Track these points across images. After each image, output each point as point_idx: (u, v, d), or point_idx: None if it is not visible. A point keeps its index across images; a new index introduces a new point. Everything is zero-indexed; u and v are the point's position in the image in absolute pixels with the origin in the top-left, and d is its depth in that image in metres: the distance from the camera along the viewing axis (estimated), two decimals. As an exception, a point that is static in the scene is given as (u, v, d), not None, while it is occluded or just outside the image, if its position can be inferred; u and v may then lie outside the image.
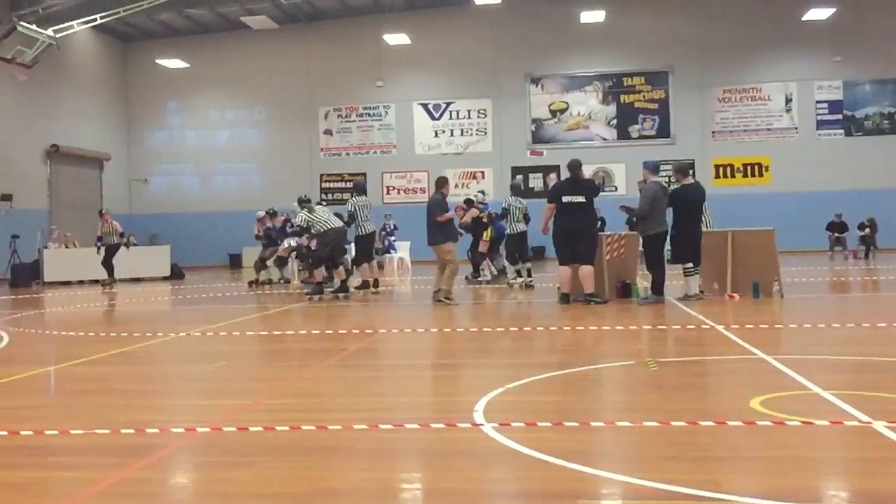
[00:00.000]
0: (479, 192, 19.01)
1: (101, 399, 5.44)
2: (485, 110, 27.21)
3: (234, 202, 26.74)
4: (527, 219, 14.27)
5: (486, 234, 15.41)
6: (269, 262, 16.82)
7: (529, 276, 13.93)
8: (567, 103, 26.71)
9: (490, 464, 3.69)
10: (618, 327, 8.14)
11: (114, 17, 20.96)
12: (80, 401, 5.46)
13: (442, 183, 11.66)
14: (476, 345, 7.79)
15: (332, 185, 27.84)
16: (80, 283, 19.04)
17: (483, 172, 26.88)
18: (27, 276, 19.13)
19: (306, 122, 28.04)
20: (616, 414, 4.45)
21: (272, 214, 17.40)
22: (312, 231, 12.84)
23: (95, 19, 20.48)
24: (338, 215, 13.08)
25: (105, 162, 27.15)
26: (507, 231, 14.29)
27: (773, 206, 23.33)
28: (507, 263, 14.75)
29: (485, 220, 15.31)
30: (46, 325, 10.40)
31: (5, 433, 4.32)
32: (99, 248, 17.47)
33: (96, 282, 15.36)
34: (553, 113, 26.87)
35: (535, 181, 26.61)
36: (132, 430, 4.30)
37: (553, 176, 25.78)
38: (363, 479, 3.49)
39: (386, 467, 3.75)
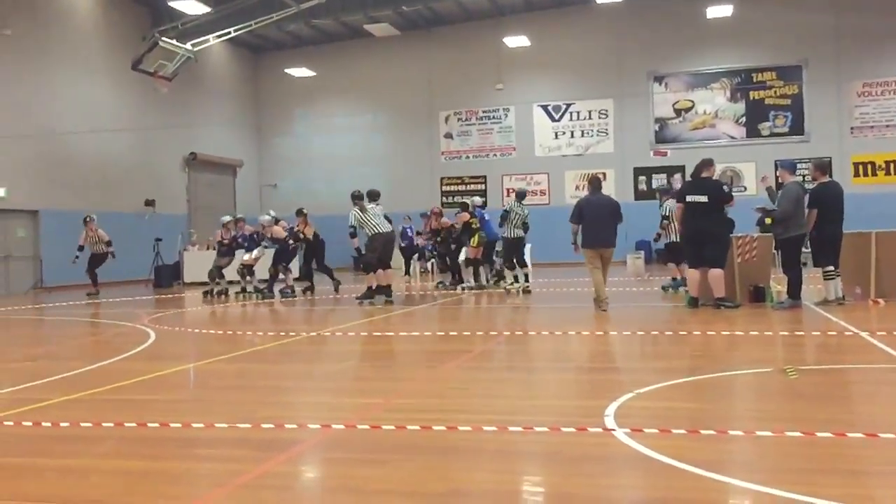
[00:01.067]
0: (475, 197, 19.28)
1: (241, 395, 5.70)
2: (606, 111, 26.79)
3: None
4: (525, 227, 14.50)
5: (474, 241, 15.30)
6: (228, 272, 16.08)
7: (527, 280, 14.24)
8: (692, 101, 25.94)
9: (623, 470, 3.63)
10: (752, 332, 7.83)
11: (246, 29, 21.91)
12: (222, 396, 5.74)
13: (600, 182, 11.04)
14: (603, 348, 7.68)
15: (452, 188, 28.11)
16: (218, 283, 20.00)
17: (605, 174, 26.46)
18: (169, 277, 20.29)
19: (427, 125, 28.43)
20: (755, 423, 4.28)
21: (238, 220, 16.40)
22: (367, 231, 12.45)
23: (229, 32, 21.46)
24: (387, 217, 12.98)
25: (238, 168, 28.47)
26: (504, 235, 14.48)
27: (920, 206, 21.85)
28: (505, 268, 14.89)
29: (474, 225, 15.19)
30: (187, 323, 10.98)
31: (157, 425, 4.59)
32: (76, 259, 16.79)
33: (231, 282, 16.05)
34: (678, 112, 26.15)
35: (659, 182, 25.97)
36: (272, 425, 4.48)
37: (677, 177, 25.10)
38: (494, 481, 3.50)
39: (516, 470, 3.75)
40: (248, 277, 15.52)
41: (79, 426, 4.61)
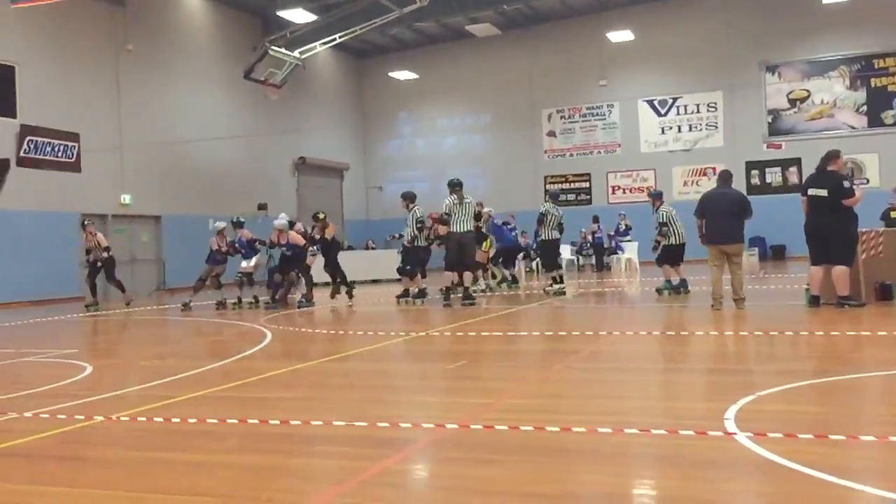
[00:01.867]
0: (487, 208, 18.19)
1: (356, 393, 5.83)
2: (715, 103, 26.02)
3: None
4: (561, 228, 14.24)
5: (486, 245, 14.98)
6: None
7: (561, 282, 14.19)
8: (808, 91, 24.87)
9: (746, 475, 3.51)
10: (880, 333, 7.43)
11: (350, 35, 22.38)
12: (338, 394, 5.88)
13: (728, 176, 10.63)
14: (719, 349, 7.46)
15: (556, 186, 27.89)
16: (326, 284, 20.52)
17: (714, 169, 25.67)
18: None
19: (529, 124, 28.33)
20: (890, 428, 4.06)
21: (238, 225, 14.87)
22: (449, 224, 12.15)
23: (335, 39, 21.98)
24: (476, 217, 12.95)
25: (345, 171, 29.14)
26: (541, 237, 14.35)
27: None
28: (544, 270, 14.89)
29: (483, 230, 14.82)
30: (301, 323, 11.31)
31: (277, 422, 4.75)
32: (97, 264, 15.49)
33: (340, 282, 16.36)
34: (792, 102, 25.13)
35: (773, 176, 25.04)
36: (387, 424, 4.56)
37: (793, 170, 24.13)
38: (610, 484, 3.45)
39: (633, 473, 3.69)
40: (244, 288, 14.55)
41: (205, 422, 4.82)
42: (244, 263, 14.42)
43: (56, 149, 19.02)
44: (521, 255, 22.56)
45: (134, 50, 20.85)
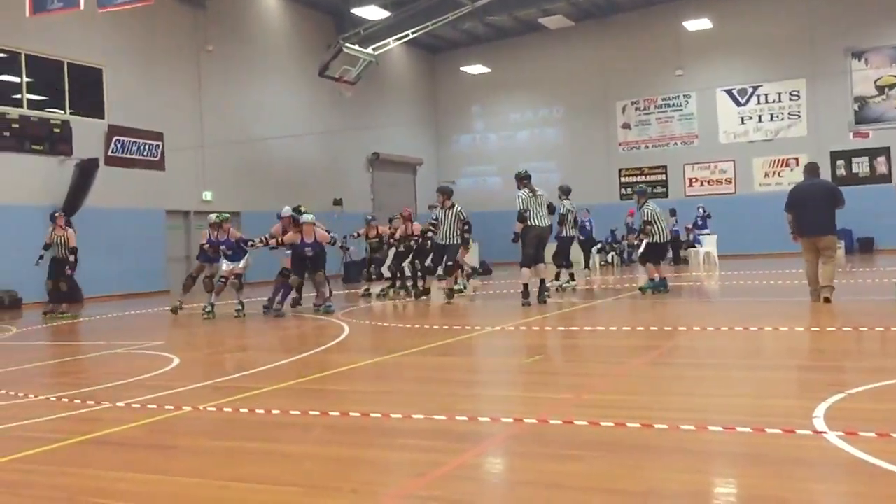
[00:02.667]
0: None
1: (434, 387, 5.87)
2: (798, 92, 25.19)
3: (535, 200, 27.47)
4: (576, 222, 14.39)
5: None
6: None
7: (572, 279, 14.31)
8: (897, 77, 23.85)
9: (838, 476, 3.40)
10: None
11: (423, 30, 22.47)
12: (416, 388, 5.94)
13: (815, 168, 10.36)
14: (804, 345, 7.23)
15: (630, 179, 27.49)
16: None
17: (797, 159, 24.90)
18: (357, 272, 21.23)
19: (603, 116, 27.97)
20: None
21: (223, 222, 12.59)
22: (527, 220, 11.56)
23: (408, 34, 22.11)
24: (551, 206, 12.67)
25: (418, 166, 29.34)
26: (562, 235, 14.27)
27: None
28: (559, 267, 14.61)
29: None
30: (376, 317, 11.45)
31: (358, 414, 4.82)
32: (39, 260, 13.61)
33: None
34: (880, 89, 24.13)
35: (860, 166, 24.13)
36: (466, 418, 4.58)
37: (881, 160, 23.19)
38: (695, 482, 3.39)
39: (718, 471, 3.62)
40: (239, 291, 12.43)
41: (289, 414, 4.93)
42: (225, 266, 12.35)
43: (142, 148, 19.70)
44: (595, 249, 22.37)
45: (214, 50, 21.41)
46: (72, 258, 13.50)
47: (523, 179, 12.02)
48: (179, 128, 20.50)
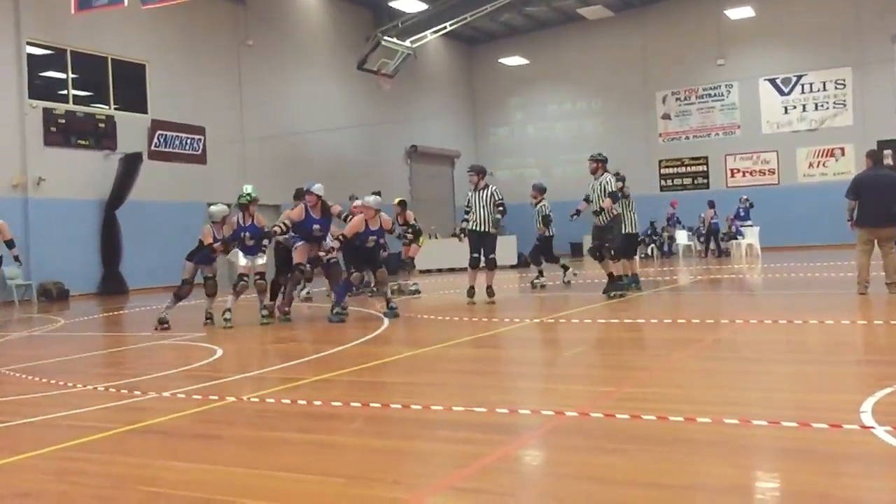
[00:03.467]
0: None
1: (474, 379, 5.88)
2: (844, 80, 24.66)
3: (573, 193, 27.27)
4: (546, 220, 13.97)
5: (421, 240, 14.46)
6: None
7: (542, 276, 13.98)
8: (948, 63, 23.22)
9: (887, 472, 3.34)
10: None
11: (461, 22, 22.46)
12: (456, 379, 5.95)
13: (879, 156, 10.13)
14: (851, 338, 7.10)
15: (671, 170, 27.19)
16: (440, 271, 20.78)
17: (843, 149, 24.40)
18: (395, 266, 21.32)
19: (643, 107, 27.67)
20: None
21: (251, 202, 10.90)
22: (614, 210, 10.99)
23: (445, 27, 22.13)
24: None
25: (455, 159, 29.32)
26: (546, 234, 13.91)
27: None
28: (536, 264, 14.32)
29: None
30: (414, 309, 11.48)
31: (399, 406, 4.85)
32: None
33: (453, 270, 16.53)
34: (930, 76, 23.53)
35: None
36: (506, 410, 4.58)
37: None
38: (739, 477, 3.35)
39: (763, 466, 3.57)
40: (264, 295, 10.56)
41: (330, 405, 4.98)
42: (245, 261, 10.46)
43: (184, 142, 19.99)
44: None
45: (254, 45, 21.62)
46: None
47: (603, 162, 11.73)
48: (221, 122, 20.75)
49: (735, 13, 24.63)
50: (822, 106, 25.03)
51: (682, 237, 23.63)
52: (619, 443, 3.91)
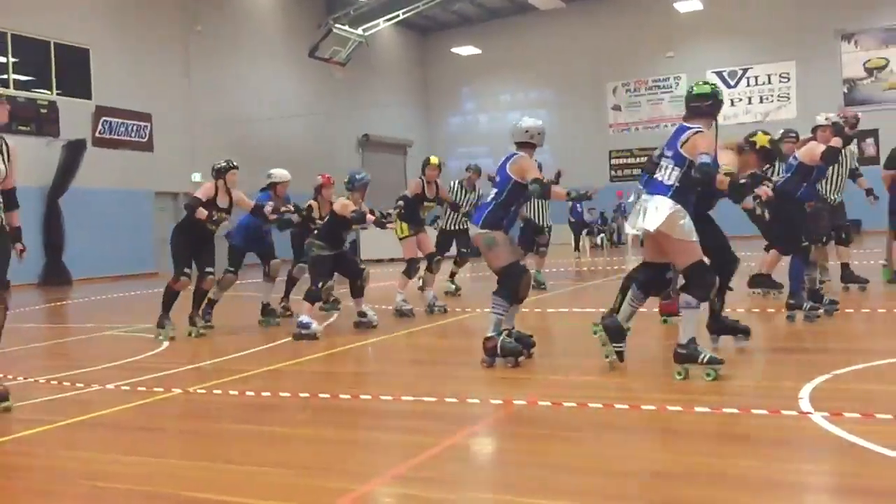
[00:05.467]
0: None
1: (423, 369, 5.91)
2: (787, 74, 25.20)
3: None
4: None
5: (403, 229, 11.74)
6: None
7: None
8: (887, 59, 23.88)
9: (823, 456, 3.45)
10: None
11: (413, 11, 22.38)
12: (406, 370, 5.97)
13: None
14: (793, 327, 7.29)
15: (621, 161, 27.50)
16: (392, 260, 20.73)
17: (786, 141, 24.92)
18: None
19: (594, 98, 27.92)
20: (973, 410, 3.92)
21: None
22: None
23: (398, 15, 22.03)
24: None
25: (408, 148, 29.24)
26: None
27: None
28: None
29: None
30: (372, 299, 11.41)
31: (348, 396, 4.85)
32: None
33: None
34: (869, 71, 24.18)
35: (848, 147, 24.21)
36: (455, 400, 4.61)
37: (870, 142, 23.25)
38: (685, 463, 3.42)
39: (707, 451, 3.66)
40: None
41: (278, 396, 4.95)
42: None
43: (129, 129, 19.56)
44: (585, 231, 22.46)
45: (203, 30, 21.22)
46: None
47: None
48: (168, 108, 20.35)
49: (684, 6, 24.99)
50: (766, 99, 25.56)
51: (629, 227, 23.94)
52: (567, 431, 3.97)
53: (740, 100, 25.86)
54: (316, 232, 7.89)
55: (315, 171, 25.14)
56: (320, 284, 7.42)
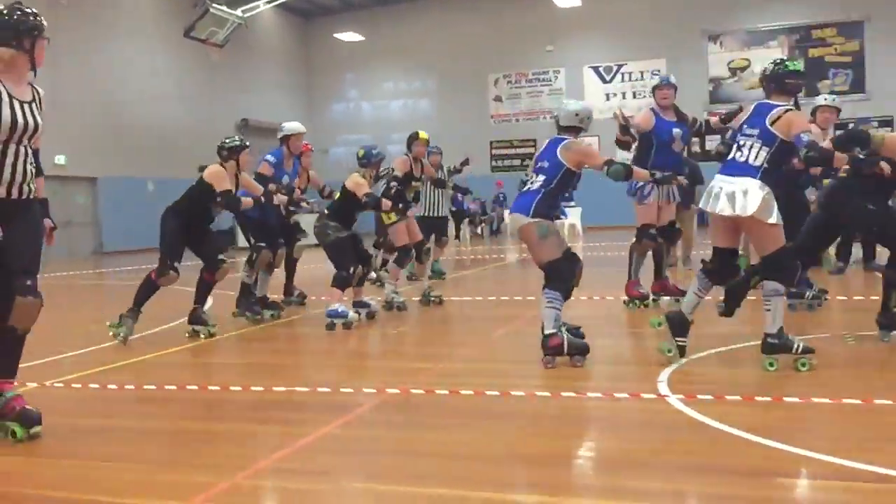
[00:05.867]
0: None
1: (296, 359, 5.83)
2: (659, 71, 26.22)
3: (408, 170, 27.52)
4: None
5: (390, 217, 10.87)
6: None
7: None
8: (748, 60, 25.26)
9: (678, 437, 3.63)
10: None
11: (295, -6, 21.90)
12: (281, 359, 5.88)
13: None
14: (658, 313, 7.62)
15: (501, 151, 27.95)
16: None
17: (657, 136, 26.01)
18: (223, 241, 20.65)
19: (477, 89, 28.23)
20: (812, 389, 4.23)
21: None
22: None
23: (279, -2, 21.53)
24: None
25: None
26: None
27: None
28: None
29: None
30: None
31: (217, 388, 4.73)
32: None
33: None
34: (733, 71, 25.53)
35: (713, 144, 25.51)
36: (328, 389, 4.58)
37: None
38: (550, 446, 3.54)
39: (572, 434, 3.79)
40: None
41: (142, 389, 4.77)
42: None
43: (-14, 107, 18.33)
44: (466, 220, 22.72)
45: (69, 5, 20.07)
46: None
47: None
48: (29, 86, 19.17)
49: (563, 1, 25.60)
50: (640, 94, 26.56)
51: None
52: (439, 418, 4.02)
53: (615, 95, 26.76)
54: (326, 212, 7.18)
55: (192, 156, 24.37)
56: (351, 269, 6.88)
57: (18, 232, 3.71)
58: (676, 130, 7.49)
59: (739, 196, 4.59)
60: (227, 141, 6.89)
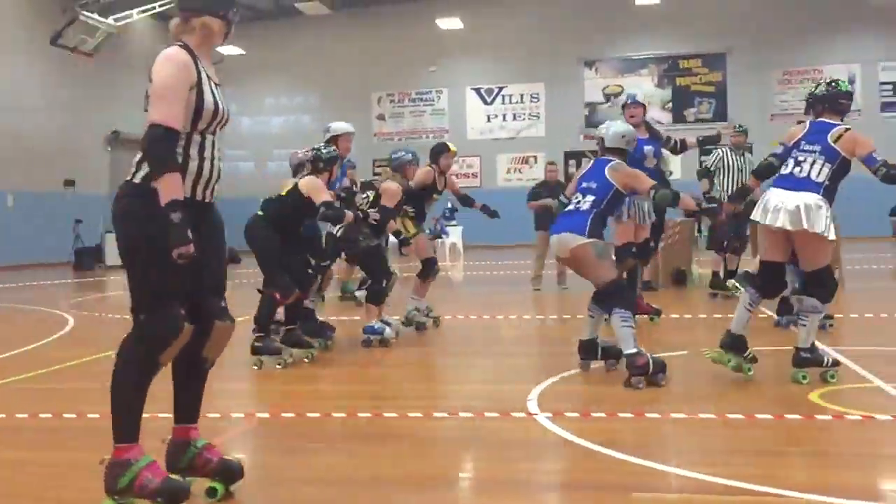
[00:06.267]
0: None
1: (163, 384, 5.58)
2: (538, 94, 27.02)
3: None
4: None
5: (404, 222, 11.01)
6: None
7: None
8: (622, 87, 26.35)
9: (544, 454, 3.72)
10: (672, 316, 8.06)
11: (171, 5, 21.27)
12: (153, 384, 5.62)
13: None
14: (538, 332, 7.79)
15: (383, 169, 28.01)
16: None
17: (535, 157, 26.72)
18: (90, 259, 19.71)
19: (360, 107, 28.18)
20: (672, 405, 4.42)
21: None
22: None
23: (154, 7, 20.88)
24: None
25: (164, 148, 27.75)
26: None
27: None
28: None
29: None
30: (109, 308, 10.71)
31: (74, 416, 4.49)
32: None
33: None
34: (607, 97, 26.55)
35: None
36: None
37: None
38: (419, 467, 3.54)
39: (440, 455, 3.81)
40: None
41: (14, 417, 4.47)
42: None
43: None
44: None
45: (-80, 5, 18.79)
46: None
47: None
48: None
49: (445, 23, 25.96)
50: (519, 117, 27.23)
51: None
52: (307, 442, 3.96)
53: (496, 116, 27.32)
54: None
55: (59, 167, 23.26)
56: (384, 282, 6.46)
57: (210, 243, 3.13)
58: (648, 147, 7.74)
59: (804, 211, 4.62)
60: (325, 152, 6.42)
